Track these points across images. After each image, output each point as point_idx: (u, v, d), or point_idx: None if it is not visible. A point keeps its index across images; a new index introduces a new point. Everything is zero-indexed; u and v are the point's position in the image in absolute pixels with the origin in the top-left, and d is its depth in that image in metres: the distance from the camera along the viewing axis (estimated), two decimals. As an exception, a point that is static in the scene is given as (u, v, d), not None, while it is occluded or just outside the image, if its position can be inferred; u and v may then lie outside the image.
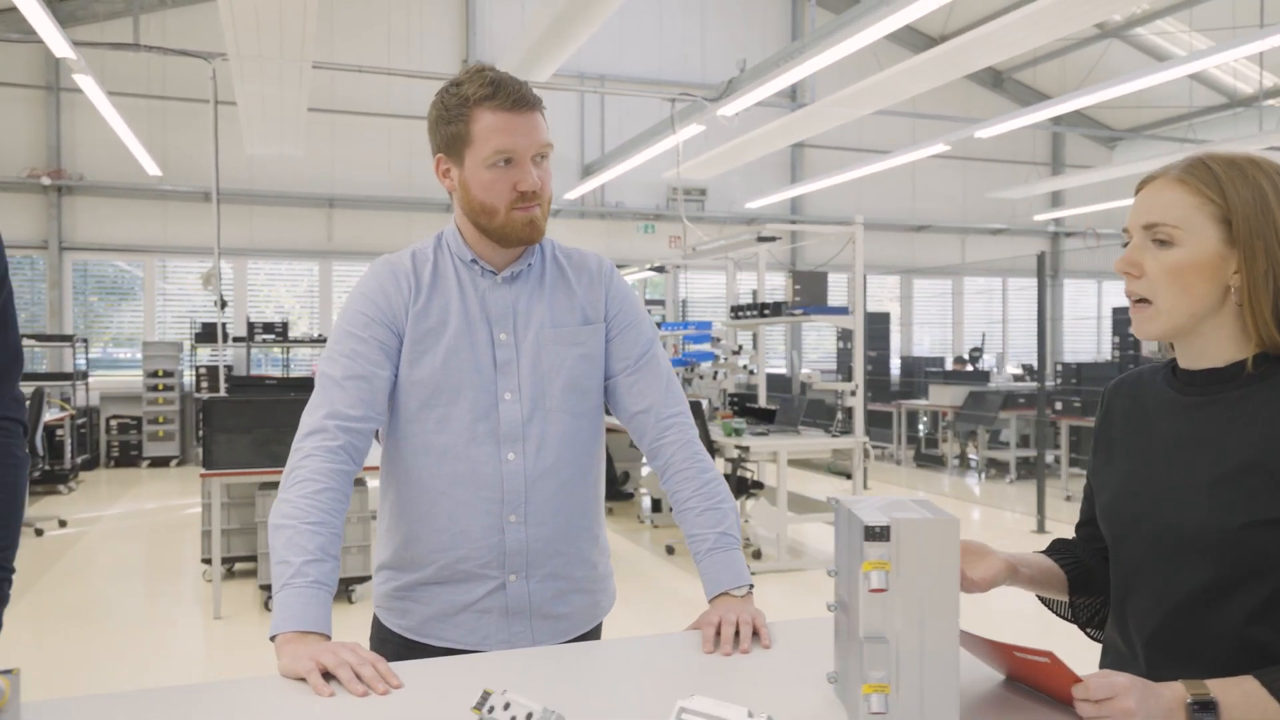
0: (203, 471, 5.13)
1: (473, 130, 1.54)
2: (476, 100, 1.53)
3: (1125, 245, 1.28)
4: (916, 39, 14.30)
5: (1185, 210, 1.20)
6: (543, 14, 8.52)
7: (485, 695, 1.08)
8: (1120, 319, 10.15)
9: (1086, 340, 16.91)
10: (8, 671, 0.88)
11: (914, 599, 1.05)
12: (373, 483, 5.65)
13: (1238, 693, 1.08)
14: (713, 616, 1.44)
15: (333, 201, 12.61)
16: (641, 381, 1.65)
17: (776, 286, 13.04)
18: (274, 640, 1.32)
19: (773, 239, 6.33)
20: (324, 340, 12.12)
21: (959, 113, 13.93)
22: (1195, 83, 14.21)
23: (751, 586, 1.53)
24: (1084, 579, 1.43)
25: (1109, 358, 10.73)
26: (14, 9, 11.14)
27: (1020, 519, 8.14)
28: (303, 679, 1.23)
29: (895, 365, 13.33)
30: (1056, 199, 16.18)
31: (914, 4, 6.05)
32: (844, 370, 12.23)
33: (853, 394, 6.16)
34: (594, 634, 1.70)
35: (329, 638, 1.33)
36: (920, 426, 12.09)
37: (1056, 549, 1.48)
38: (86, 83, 7.47)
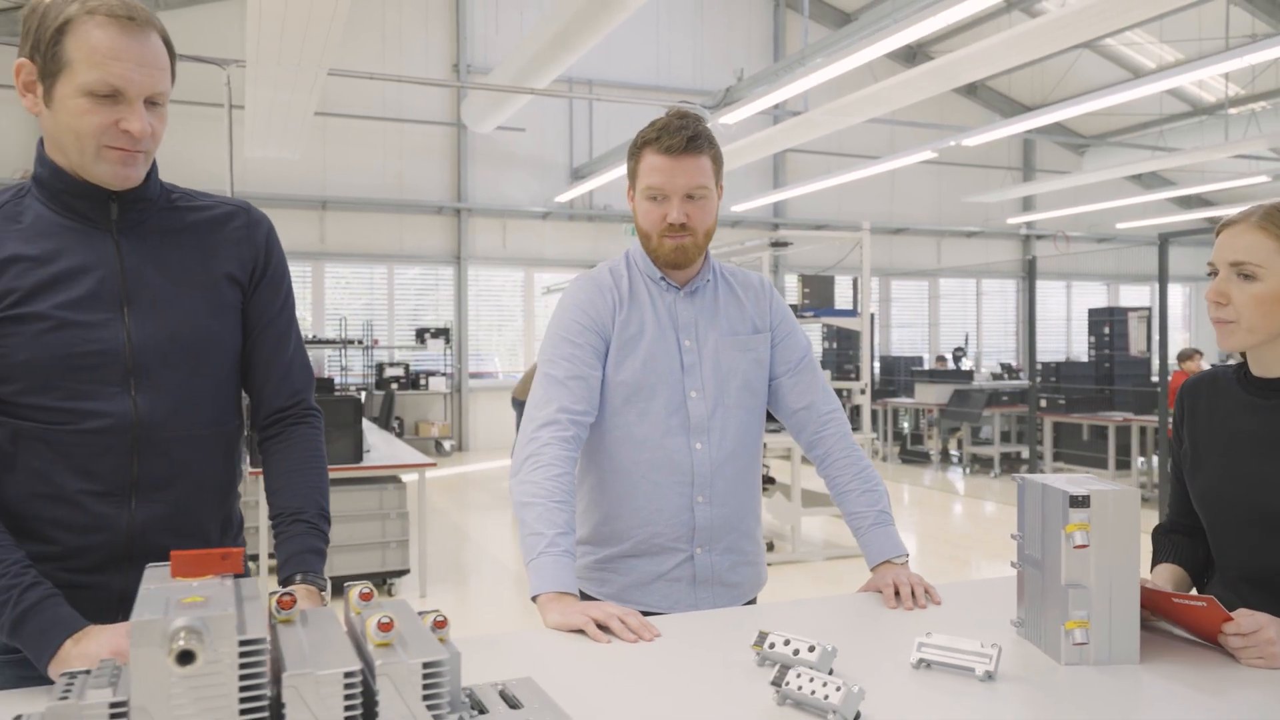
0: (250, 470, 5.30)
1: (639, 167, 1.83)
2: (644, 141, 1.83)
3: (1211, 275, 1.58)
4: (897, 49, 14.69)
5: (1266, 252, 1.50)
6: (546, 26, 8.75)
7: (763, 635, 1.34)
8: (1096, 320, 10.58)
9: (1055, 340, 17.44)
10: (437, 614, 1.12)
11: (1105, 553, 1.33)
12: (408, 477, 5.86)
13: None
14: (885, 579, 1.72)
15: (325, 204, 12.72)
16: (802, 383, 1.92)
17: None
18: (535, 600, 1.57)
19: (786, 244, 6.63)
20: (317, 341, 12.23)
21: (934, 119, 14.36)
22: (1163, 92, 14.76)
23: (907, 555, 1.81)
24: (1199, 565, 1.70)
25: (1085, 357, 11.18)
26: (6, 10, 11.15)
27: (1004, 510, 8.55)
28: (577, 630, 1.48)
29: (875, 365, 13.73)
30: (1028, 203, 16.70)
31: (917, 24, 6.38)
32: (830, 369, 12.58)
33: (862, 392, 6.47)
34: (752, 602, 1.96)
35: (578, 597, 1.58)
36: (904, 424, 12.48)
37: (1166, 552, 1.74)
38: (104, 88, 7.55)
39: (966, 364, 13.92)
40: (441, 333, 13.16)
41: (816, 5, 14.58)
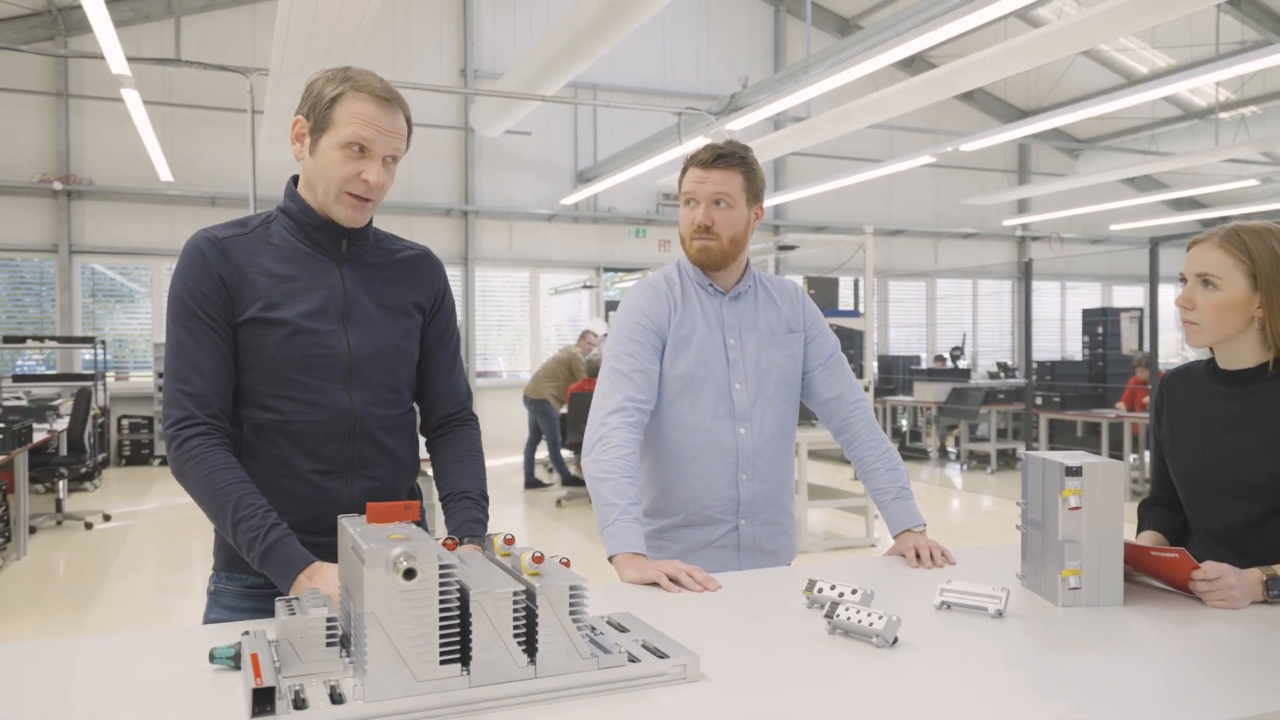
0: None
1: (681, 180, 2.13)
2: (687, 160, 2.11)
3: (1183, 282, 1.87)
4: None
5: (1225, 267, 1.80)
6: (558, 33, 9.02)
7: (811, 582, 1.62)
8: (1090, 320, 10.88)
9: (1050, 339, 17.75)
10: (562, 556, 1.39)
11: (1095, 513, 1.61)
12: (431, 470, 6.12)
13: None
14: (907, 544, 2.00)
15: (336, 206, 12.95)
16: (831, 376, 2.20)
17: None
18: (612, 560, 1.85)
19: (793, 247, 6.91)
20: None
21: (932, 123, 14.64)
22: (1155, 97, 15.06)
23: (925, 524, 2.09)
24: (1176, 533, 1.99)
25: (1079, 356, 11.47)
26: (25, 17, 11.40)
27: (1000, 504, 8.85)
28: (652, 584, 1.76)
29: (874, 364, 14.02)
30: (1023, 205, 17.00)
31: (918, 38, 6.65)
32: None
33: (866, 389, 6.75)
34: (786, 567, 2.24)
35: (648, 557, 1.86)
36: (903, 421, 12.78)
37: (1148, 521, 2.03)
38: (131, 97, 7.82)
39: (963, 363, 14.21)
40: (449, 332, 13.42)
41: (817, 11, 14.87)
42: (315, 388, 1.67)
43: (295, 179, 1.75)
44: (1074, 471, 1.61)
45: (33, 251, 11.83)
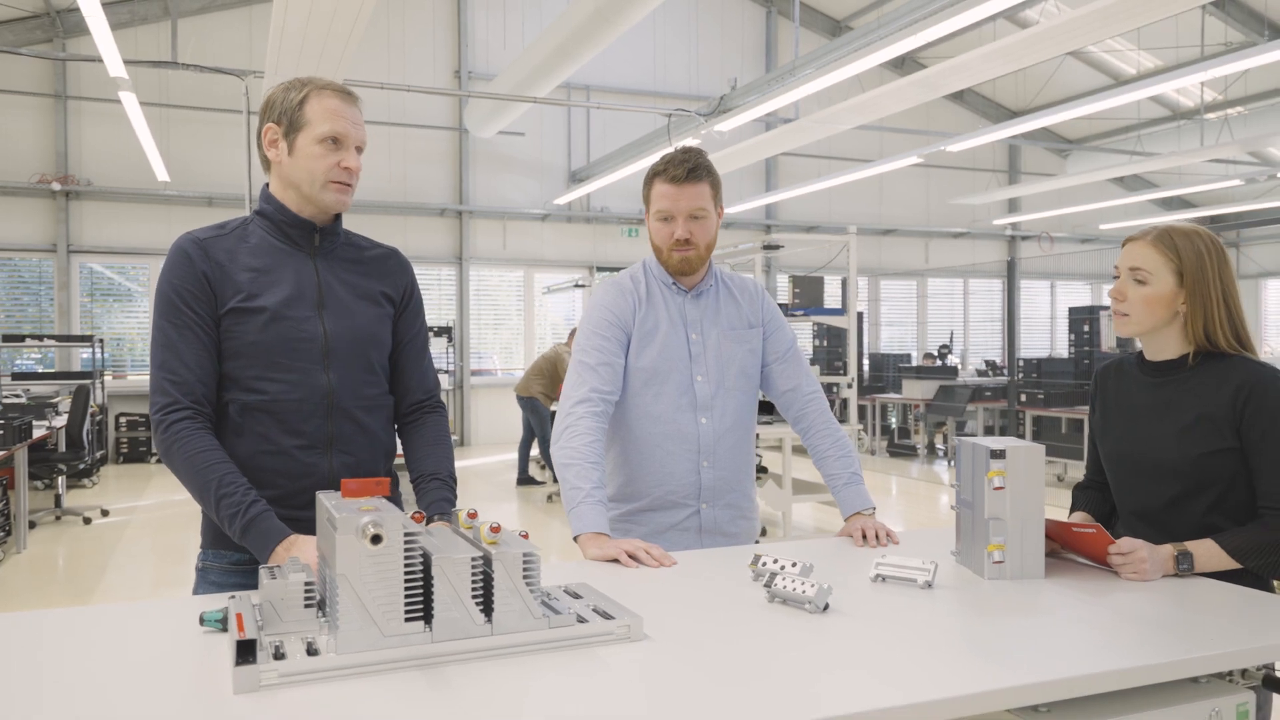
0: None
1: (651, 194, 2.26)
2: (654, 173, 2.26)
3: (1115, 278, 2.01)
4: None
5: (1155, 264, 1.93)
6: (550, 36, 9.15)
7: (757, 557, 1.75)
8: (1076, 319, 11.04)
9: (1039, 337, 17.90)
10: (522, 530, 1.52)
11: (1019, 493, 1.75)
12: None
13: (1203, 548, 1.81)
14: (855, 526, 2.13)
15: (331, 206, 13.07)
16: (789, 368, 2.34)
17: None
18: (577, 539, 1.98)
19: (778, 247, 7.04)
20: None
21: (922, 124, 14.78)
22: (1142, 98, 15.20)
23: (874, 508, 2.22)
24: (1106, 514, 2.14)
25: (1066, 354, 11.63)
26: (23, 19, 11.51)
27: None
28: (613, 560, 1.89)
29: (864, 362, 14.16)
30: (1013, 205, 17.15)
31: (905, 40, 6.79)
32: (820, 365, 13.01)
33: (849, 386, 6.89)
34: (748, 550, 2.37)
35: (611, 536, 1.99)
36: (892, 418, 12.92)
37: (1080, 503, 2.18)
38: (128, 99, 7.94)
39: (952, 360, 14.36)
40: (444, 331, 13.55)
41: (807, 13, 15.00)
42: (296, 369, 1.81)
43: (266, 185, 1.90)
44: (998, 454, 1.74)
45: (31, 251, 11.95)
